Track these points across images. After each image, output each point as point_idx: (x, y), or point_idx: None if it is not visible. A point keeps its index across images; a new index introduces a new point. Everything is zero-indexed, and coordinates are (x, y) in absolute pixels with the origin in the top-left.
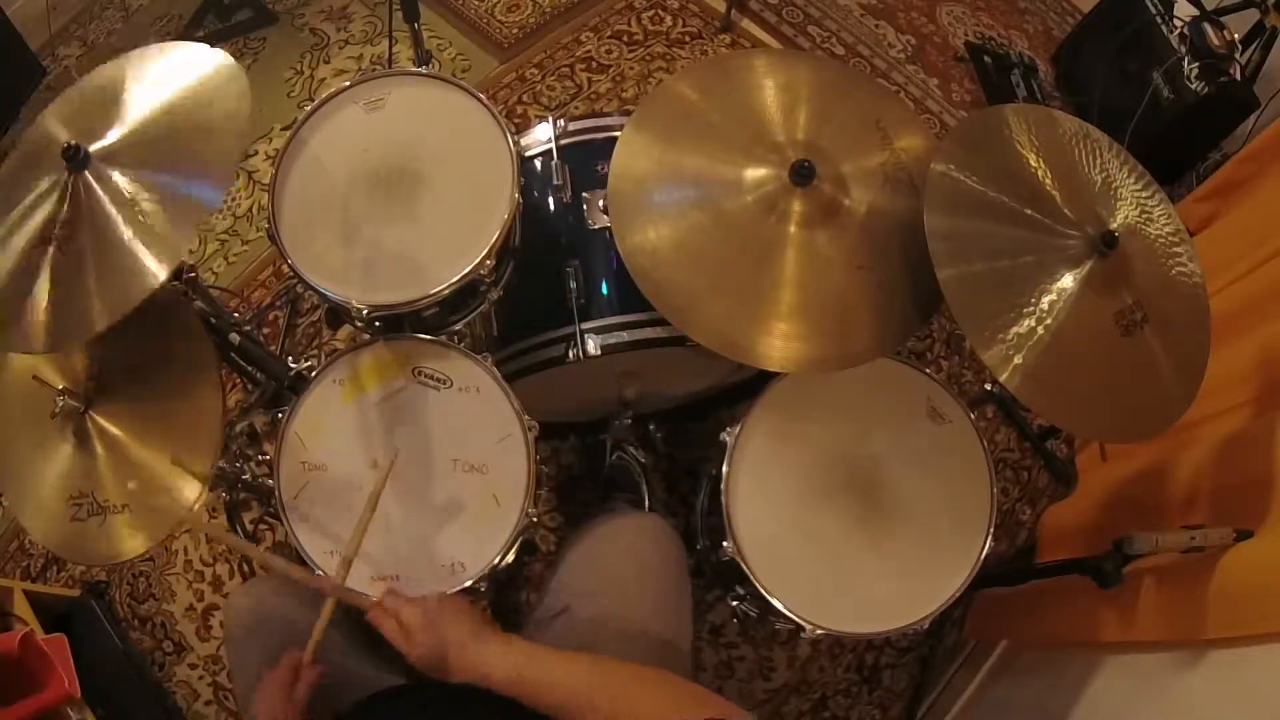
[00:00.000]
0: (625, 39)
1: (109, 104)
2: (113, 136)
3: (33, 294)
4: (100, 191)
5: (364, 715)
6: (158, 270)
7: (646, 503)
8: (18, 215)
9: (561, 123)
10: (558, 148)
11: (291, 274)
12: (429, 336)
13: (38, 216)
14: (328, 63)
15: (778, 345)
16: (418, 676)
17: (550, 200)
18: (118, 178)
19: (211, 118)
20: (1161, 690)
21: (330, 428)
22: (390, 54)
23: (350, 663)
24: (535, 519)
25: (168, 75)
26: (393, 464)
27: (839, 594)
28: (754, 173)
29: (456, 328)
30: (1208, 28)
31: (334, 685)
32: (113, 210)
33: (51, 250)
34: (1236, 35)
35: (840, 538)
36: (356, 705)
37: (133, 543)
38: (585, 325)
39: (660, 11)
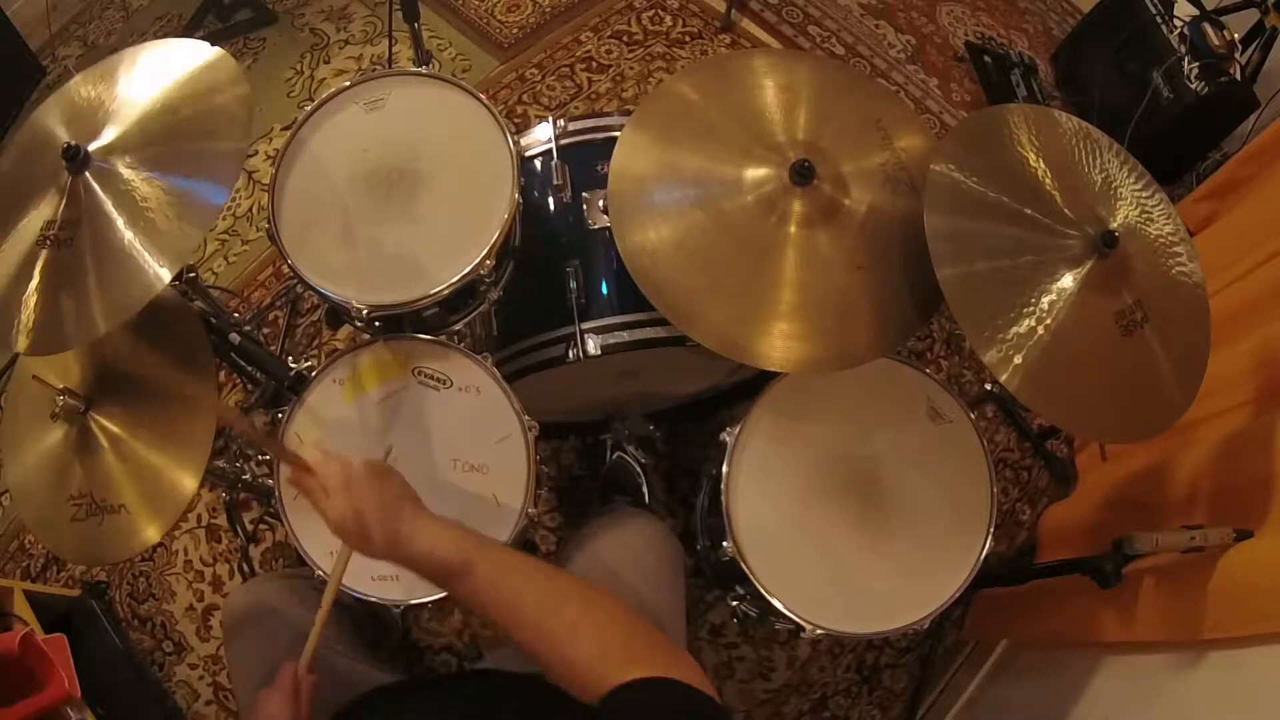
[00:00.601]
0: (625, 39)
1: (106, 102)
2: (111, 134)
3: (34, 295)
4: (101, 193)
5: (362, 712)
6: (161, 273)
7: (647, 503)
8: (19, 215)
9: (561, 123)
10: (558, 148)
11: (291, 274)
12: (429, 336)
13: (38, 218)
14: (328, 63)
15: (778, 345)
16: (411, 675)
17: (550, 200)
18: (118, 179)
19: (212, 117)
20: (1161, 690)
21: (330, 428)
22: (390, 54)
23: (348, 662)
24: (535, 519)
25: (163, 72)
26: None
27: (839, 594)
28: (754, 173)
29: (456, 328)
30: (1208, 28)
31: (331, 684)
32: (114, 212)
33: (50, 251)
34: (1236, 35)
35: (840, 538)
36: (353, 702)
37: (131, 542)
38: (585, 325)
39: (660, 11)
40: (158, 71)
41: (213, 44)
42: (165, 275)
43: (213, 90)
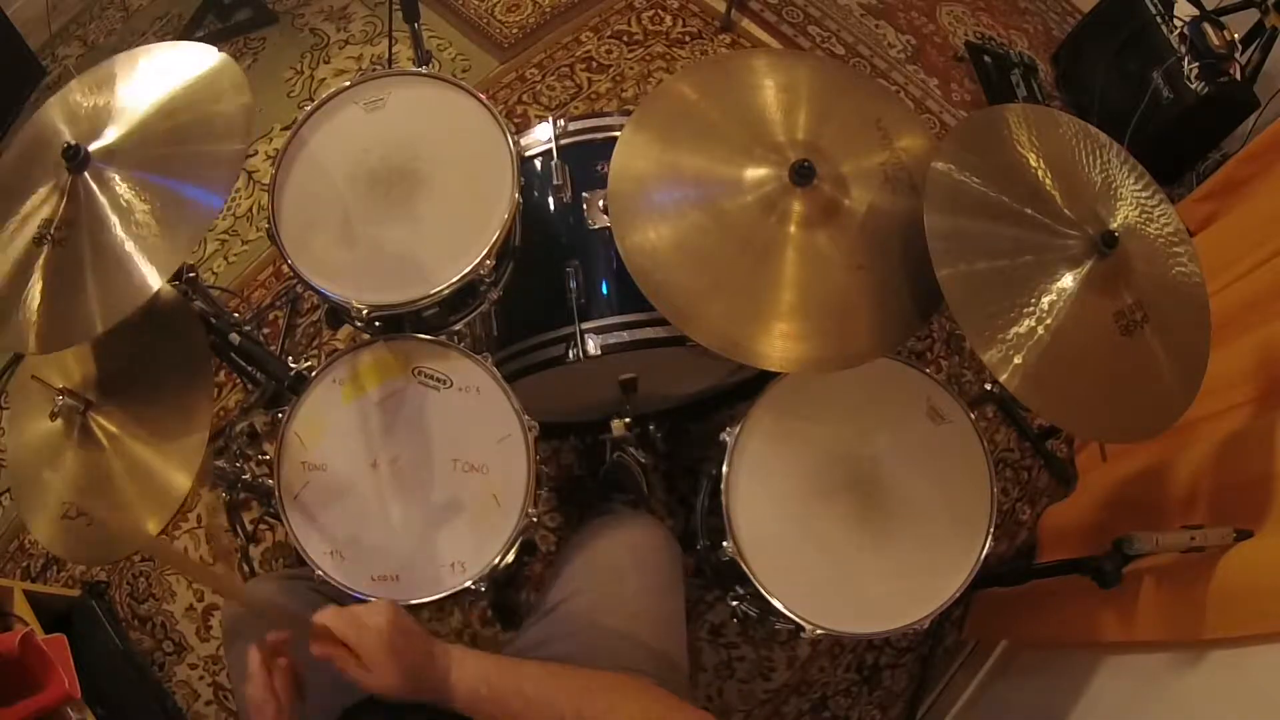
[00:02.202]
0: (625, 39)
1: (109, 103)
2: (111, 135)
3: (32, 294)
4: (99, 194)
5: (360, 712)
6: (152, 278)
7: (647, 503)
8: (18, 213)
9: (561, 123)
10: (558, 148)
11: (291, 274)
12: (429, 336)
13: (38, 216)
14: (328, 63)
15: (778, 345)
16: None
17: (550, 200)
18: (117, 181)
19: (212, 123)
20: (1161, 690)
21: (330, 428)
22: (390, 54)
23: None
24: (535, 519)
25: (167, 75)
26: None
27: (839, 594)
28: (754, 173)
29: (456, 328)
30: (1208, 28)
31: (332, 686)
32: (111, 214)
33: (49, 250)
34: (1236, 35)
35: (840, 538)
36: (354, 705)
37: (124, 543)
38: (585, 325)
39: (660, 11)
40: (162, 75)
41: (213, 44)
42: (156, 281)
43: (215, 96)
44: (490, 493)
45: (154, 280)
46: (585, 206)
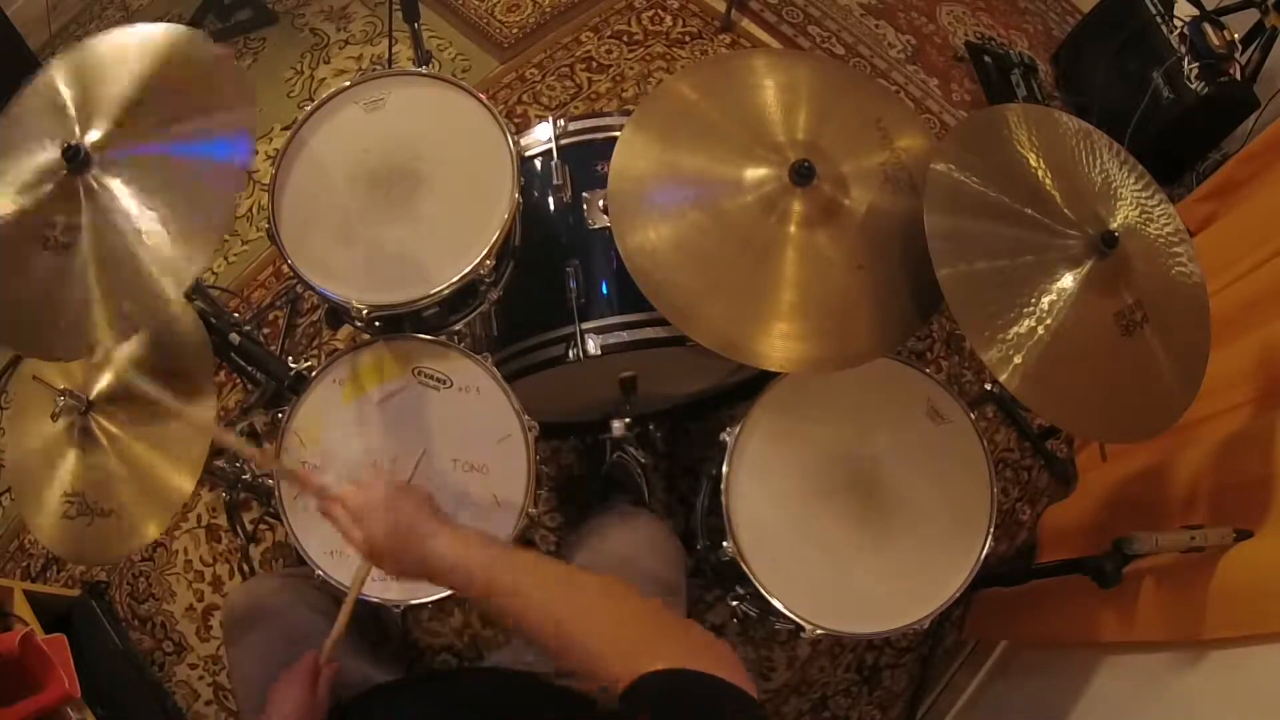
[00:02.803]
0: (625, 39)
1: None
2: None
3: (36, 300)
4: (103, 199)
5: (363, 710)
6: (169, 292)
7: (647, 502)
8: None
9: (561, 123)
10: (558, 148)
11: (291, 274)
12: (429, 336)
13: (35, 213)
14: (328, 63)
15: (778, 345)
16: (412, 674)
17: (550, 200)
18: (122, 172)
19: (203, 79)
20: (1161, 690)
21: (330, 428)
22: (390, 54)
23: (348, 661)
24: (535, 519)
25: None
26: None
27: (839, 594)
28: (754, 173)
29: (456, 328)
30: (1208, 28)
31: (335, 682)
32: (122, 210)
33: (50, 254)
34: (1236, 35)
35: (840, 538)
36: (356, 699)
37: (123, 544)
38: (585, 325)
39: (660, 11)
40: (126, 58)
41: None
42: (173, 293)
43: (189, 60)
44: (490, 493)
45: (171, 293)
46: (585, 206)
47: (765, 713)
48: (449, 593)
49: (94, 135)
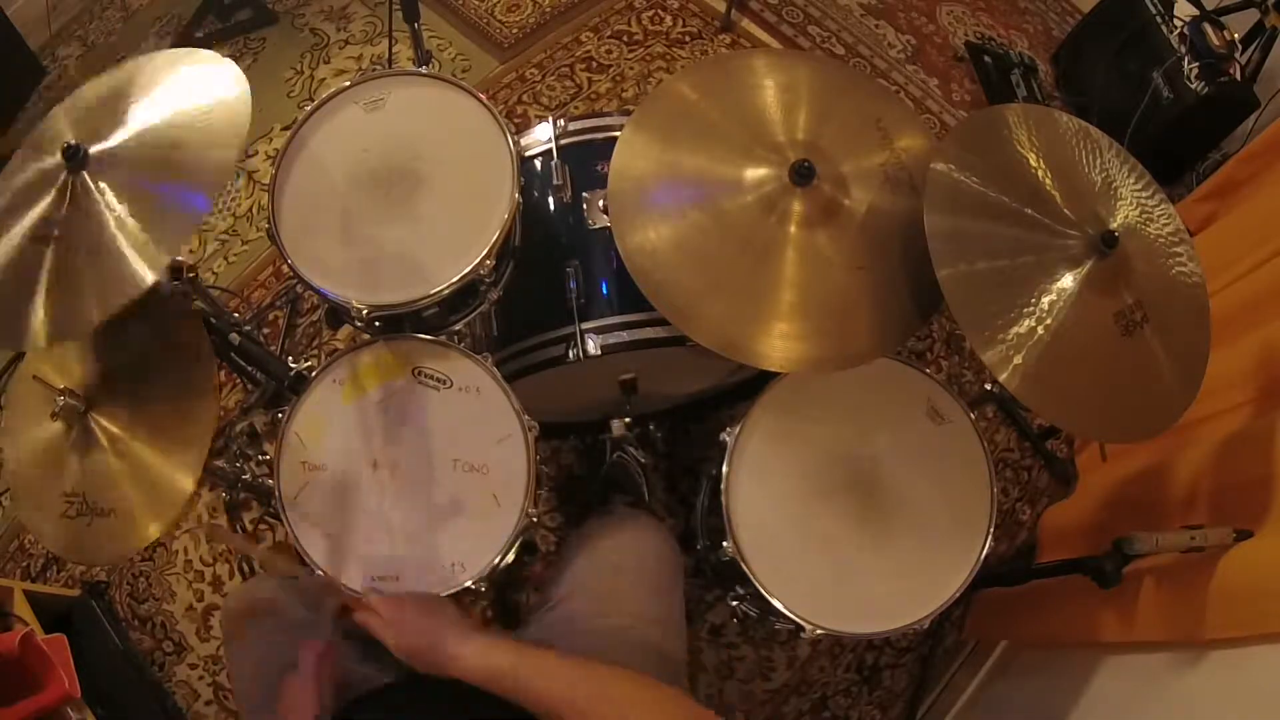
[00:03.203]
0: (625, 39)
1: (117, 107)
2: (115, 140)
3: (32, 292)
4: (95, 193)
5: (366, 711)
6: (143, 273)
7: (647, 503)
8: (14, 207)
9: (561, 123)
10: (558, 148)
11: (291, 274)
12: (429, 336)
13: (35, 211)
14: (328, 63)
15: (778, 345)
16: (412, 674)
17: (550, 200)
18: (111, 182)
19: (210, 132)
20: (1161, 690)
21: (330, 428)
22: (390, 54)
23: (348, 663)
24: (535, 519)
25: (176, 83)
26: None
27: (839, 594)
28: (754, 173)
29: (456, 328)
30: (1208, 28)
31: (331, 685)
32: (105, 213)
33: (50, 249)
34: (1236, 35)
35: (840, 538)
36: (352, 703)
37: (122, 544)
38: (585, 325)
39: (660, 11)
40: (176, 87)
41: (212, 44)
42: (148, 278)
43: (218, 111)
44: (490, 493)
45: (146, 275)
46: (585, 206)
47: None
48: (449, 593)
49: (102, 145)
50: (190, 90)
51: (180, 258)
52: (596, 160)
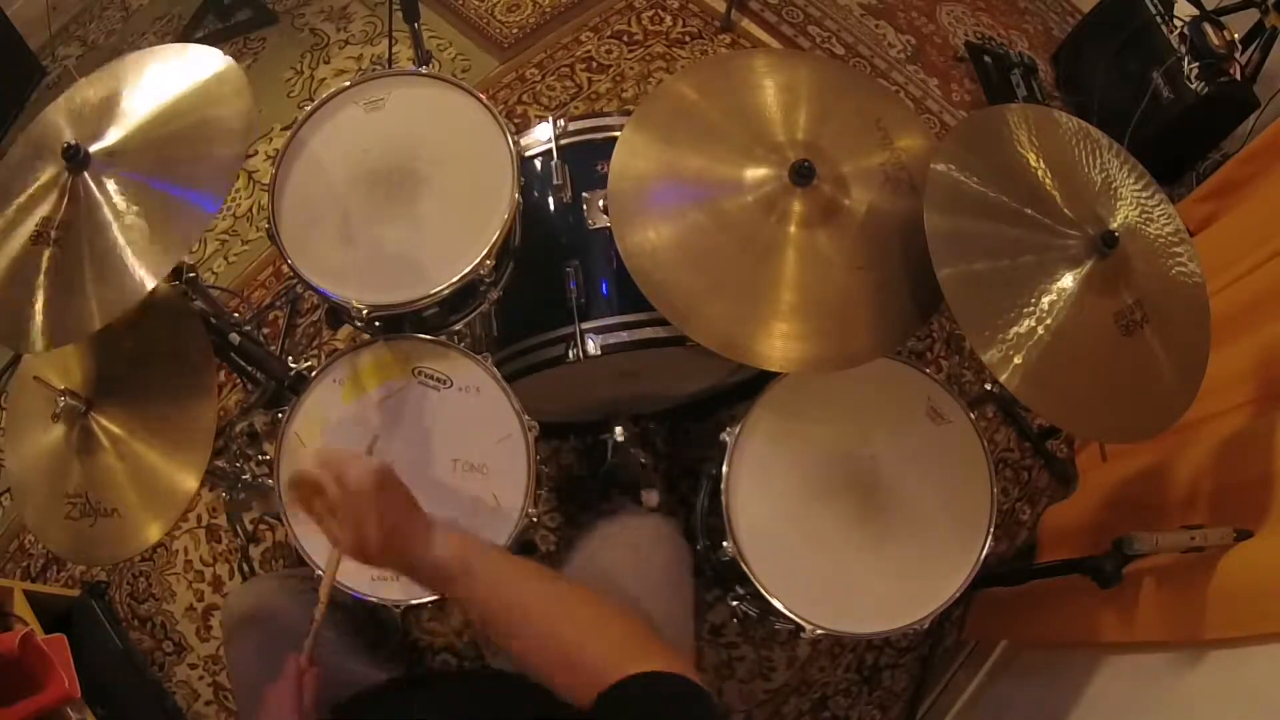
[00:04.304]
0: (625, 39)
1: (114, 104)
2: (114, 137)
3: (33, 293)
4: (98, 195)
5: (361, 711)
6: (146, 277)
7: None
8: (15, 210)
9: (561, 123)
10: (558, 148)
11: (291, 274)
12: (429, 336)
13: (37, 213)
14: (328, 63)
15: (778, 345)
16: (411, 674)
17: (550, 200)
18: (114, 183)
19: (212, 127)
20: (1161, 690)
21: (330, 428)
22: (390, 54)
23: (343, 661)
24: (535, 519)
25: (173, 78)
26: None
27: (839, 594)
28: (754, 173)
29: (456, 328)
30: (1208, 28)
31: (330, 684)
32: (108, 215)
33: (51, 250)
34: (1236, 35)
35: (840, 538)
36: (348, 701)
37: (126, 545)
38: (585, 325)
39: (660, 11)
40: (167, 78)
41: (212, 44)
42: (150, 281)
43: (216, 100)
44: (490, 493)
45: (149, 280)
46: (585, 206)
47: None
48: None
49: (102, 144)
50: (190, 88)
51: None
52: (596, 160)
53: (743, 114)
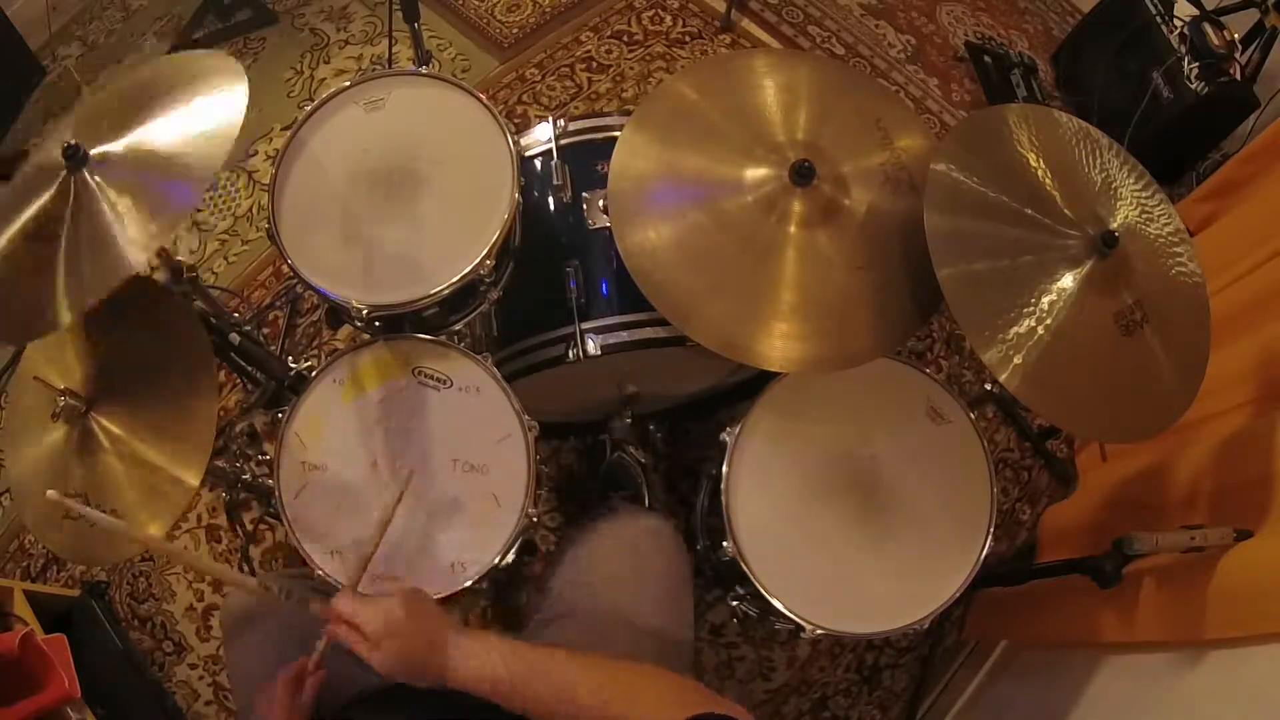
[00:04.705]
0: (625, 39)
1: (115, 107)
2: (117, 141)
3: (42, 290)
4: (94, 189)
5: (362, 713)
6: (133, 262)
7: (646, 502)
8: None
9: (561, 123)
10: (558, 148)
11: (291, 274)
12: (429, 336)
13: (33, 209)
14: (328, 63)
15: (778, 345)
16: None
17: (550, 200)
18: (103, 178)
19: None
20: (1161, 690)
21: (330, 428)
22: (390, 54)
23: (347, 663)
24: (535, 519)
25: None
26: (405, 489)
27: (839, 594)
28: (754, 173)
29: (456, 328)
30: (1208, 28)
31: (330, 685)
32: (102, 207)
33: (62, 246)
34: (1236, 35)
35: (840, 538)
36: (352, 704)
37: (125, 545)
38: (585, 325)
39: (660, 11)
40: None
41: (212, 44)
42: (136, 263)
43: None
44: (490, 493)
45: (134, 263)
46: (585, 206)
47: None
48: (449, 593)
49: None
50: (189, 87)
51: (180, 258)
52: (596, 160)
53: (743, 114)
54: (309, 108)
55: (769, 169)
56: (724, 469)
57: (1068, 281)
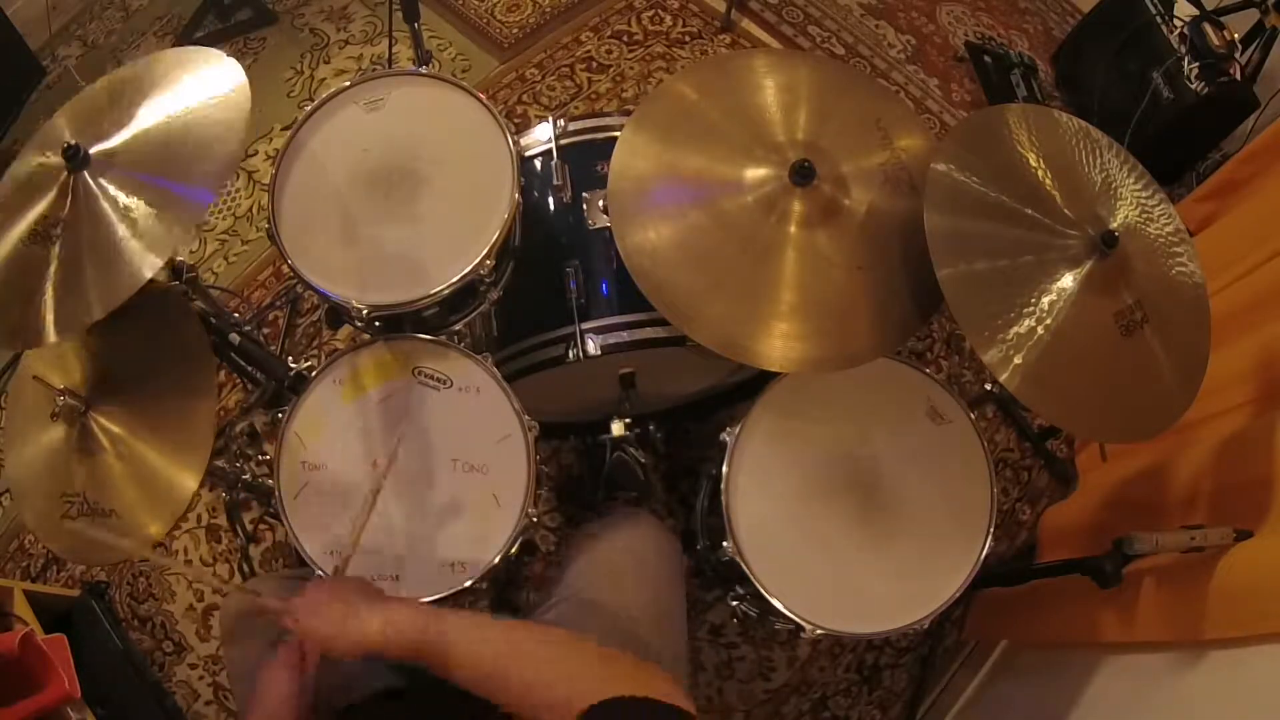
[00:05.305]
0: (625, 39)
1: (120, 107)
2: (116, 140)
3: (40, 292)
4: (96, 191)
5: (362, 716)
6: (145, 268)
7: (647, 503)
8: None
9: (561, 123)
10: (558, 148)
11: (291, 274)
12: (429, 336)
13: (35, 211)
14: (328, 63)
15: (778, 345)
16: (412, 678)
17: (550, 200)
18: (110, 179)
19: (210, 128)
20: (1161, 690)
21: (330, 428)
22: (390, 54)
23: (350, 665)
24: (535, 519)
25: (180, 82)
26: (391, 463)
27: (839, 594)
28: (754, 173)
29: (456, 328)
30: (1208, 28)
31: (330, 686)
32: (108, 209)
33: (53, 248)
34: (1236, 35)
35: (840, 538)
36: (354, 706)
37: (127, 544)
38: (585, 325)
39: (660, 11)
40: (173, 80)
41: (213, 44)
42: (149, 270)
43: (216, 102)
44: (490, 493)
45: (146, 269)
46: (585, 206)
47: None
48: (449, 592)
49: (103, 145)
50: (189, 86)
51: (180, 258)
52: (596, 160)
53: (743, 114)
54: (309, 108)
55: (769, 169)
56: (724, 469)
57: (1068, 281)
